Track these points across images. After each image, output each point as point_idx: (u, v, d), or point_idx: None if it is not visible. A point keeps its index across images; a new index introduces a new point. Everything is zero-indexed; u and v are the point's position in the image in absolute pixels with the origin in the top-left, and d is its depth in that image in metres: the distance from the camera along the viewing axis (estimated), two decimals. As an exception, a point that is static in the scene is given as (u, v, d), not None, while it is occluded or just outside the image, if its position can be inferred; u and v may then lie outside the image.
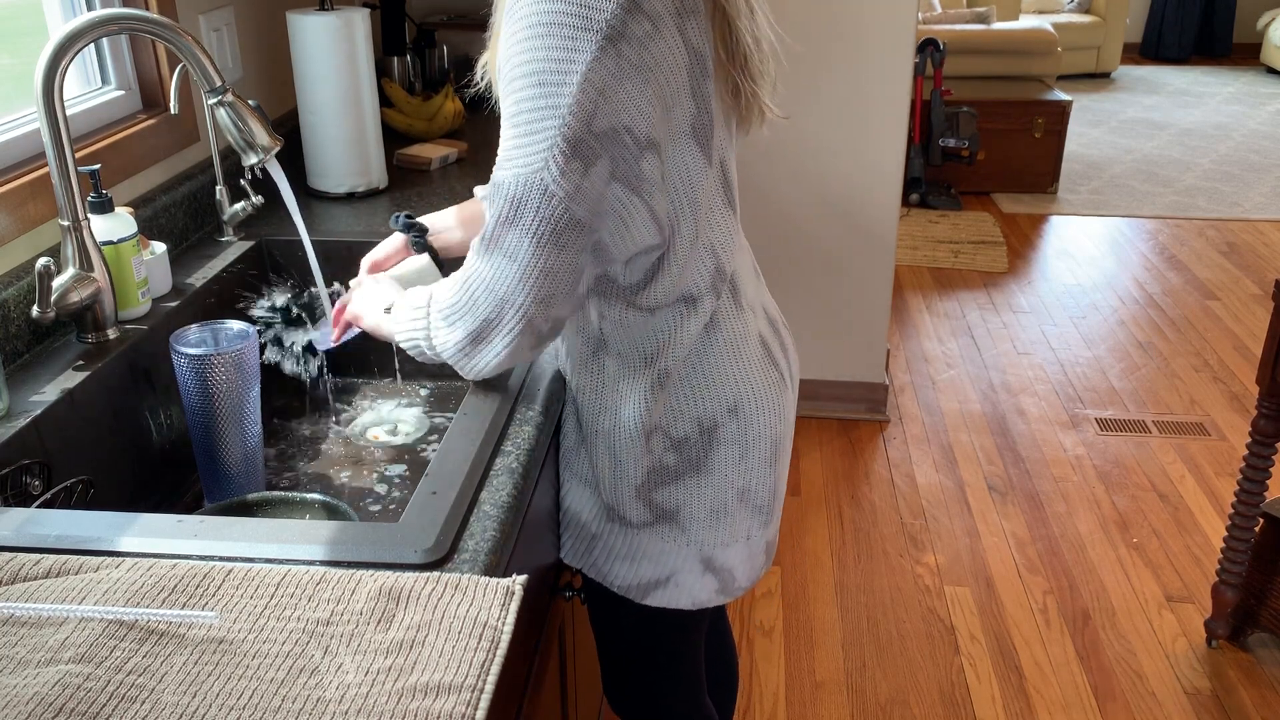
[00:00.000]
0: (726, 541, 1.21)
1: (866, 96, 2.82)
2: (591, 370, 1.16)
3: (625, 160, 0.98)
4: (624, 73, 0.94)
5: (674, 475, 1.17)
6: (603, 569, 1.24)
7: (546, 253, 0.98)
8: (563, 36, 0.91)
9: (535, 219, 0.96)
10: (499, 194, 0.98)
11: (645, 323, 1.12)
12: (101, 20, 1.15)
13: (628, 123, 0.96)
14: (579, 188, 0.96)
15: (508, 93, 0.95)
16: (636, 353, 1.13)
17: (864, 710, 2.09)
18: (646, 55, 0.95)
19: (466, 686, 0.76)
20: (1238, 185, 5.20)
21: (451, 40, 2.50)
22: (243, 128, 1.22)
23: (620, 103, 0.94)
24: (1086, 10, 7.38)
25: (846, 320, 3.08)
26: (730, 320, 1.15)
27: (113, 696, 0.74)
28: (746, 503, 1.20)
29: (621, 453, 1.16)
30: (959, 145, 4.77)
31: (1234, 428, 3.08)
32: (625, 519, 1.19)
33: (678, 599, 1.23)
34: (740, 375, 1.16)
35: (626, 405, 1.14)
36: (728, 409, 1.16)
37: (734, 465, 1.18)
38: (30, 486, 1.06)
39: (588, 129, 0.94)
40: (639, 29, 0.93)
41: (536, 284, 0.99)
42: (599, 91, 0.93)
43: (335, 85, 1.75)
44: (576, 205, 0.97)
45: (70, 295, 1.22)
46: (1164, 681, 2.15)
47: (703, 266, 1.11)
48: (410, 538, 0.91)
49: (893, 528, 2.65)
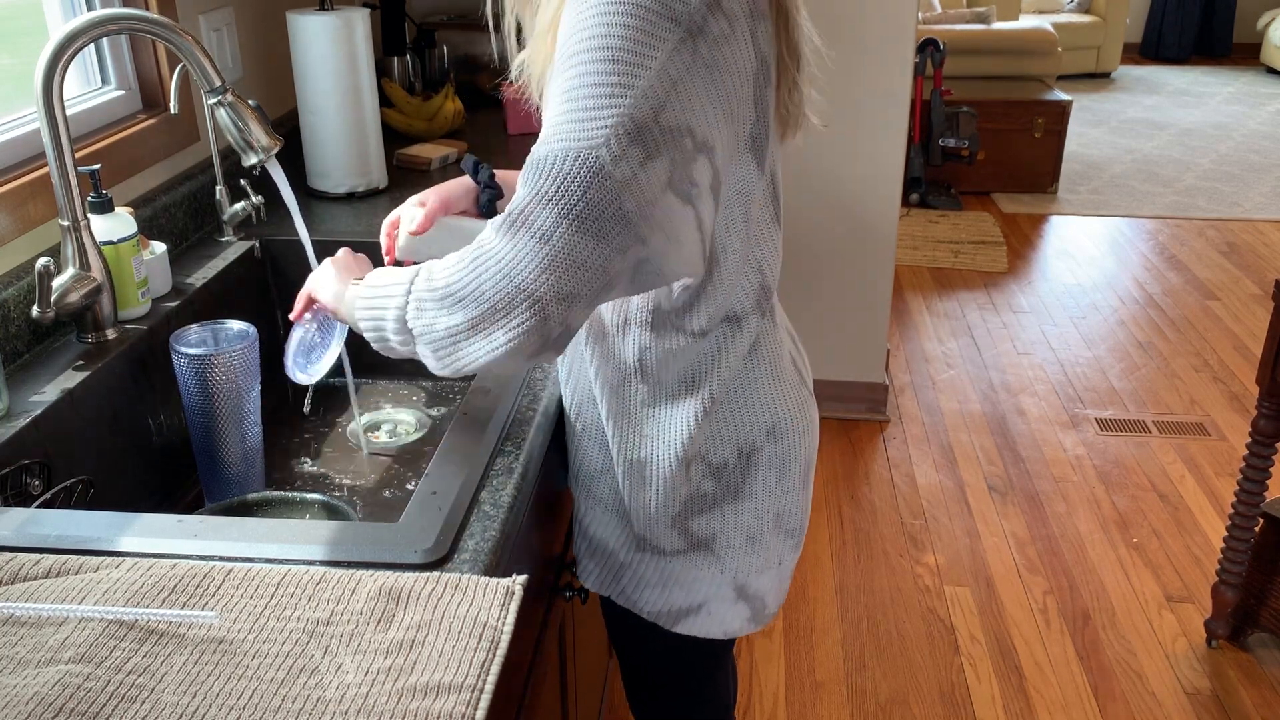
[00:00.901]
0: (760, 568, 1.17)
1: (866, 96, 2.82)
2: (624, 397, 1.10)
3: (681, 164, 0.91)
4: (696, 70, 0.89)
5: (711, 502, 1.12)
6: (631, 596, 1.20)
7: (584, 240, 0.88)
8: (645, 20, 0.86)
9: (581, 199, 0.87)
10: (540, 169, 0.88)
11: (691, 348, 1.06)
12: (101, 20, 1.15)
13: (691, 124, 0.90)
14: (634, 177, 0.87)
15: (568, 66, 0.88)
16: (678, 380, 1.08)
17: (864, 710, 2.09)
18: (719, 56, 0.90)
19: (466, 686, 0.76)
20: (1238, 185, 5.20)
21: (451, 40, 2.50)
22: (243, 128, 1.22)
23: (689, 101, 0.89)
24: (1086, 10, 7.38)
25: (846, 320, 3.08)
26: (769, 339, 1.11)
27: (113, 697, 0.74)
28: (781, 527, 1.16)
29: (659, 482, 1.11)
30: (959, 145, 4.77)
31: (1234, 428, 3.08)
32: (658, 548, 1.15)
33: (709, 628, 1.19)
34: (779, 397, 1.12)
35: (668, 434, 1.09)
36: (767, 432, 1.11)
37: (770, 490, 1.13)
38: (30, 486, 1.06)
39: (655, 119, 0.87)
40: (717, 28, 0.89)
41: (564, 275, 0.89)
42: (673, 84, 0.88)
43: (335, 85, 1.75)
44: (628, 196, 0.88)
45: (70, 295, 1.22)
46: (1164, 681, 2.15)
47: (749, 284, 1.06)
48: (410, 538, 0.91)
49: (893, 528, 2.65)
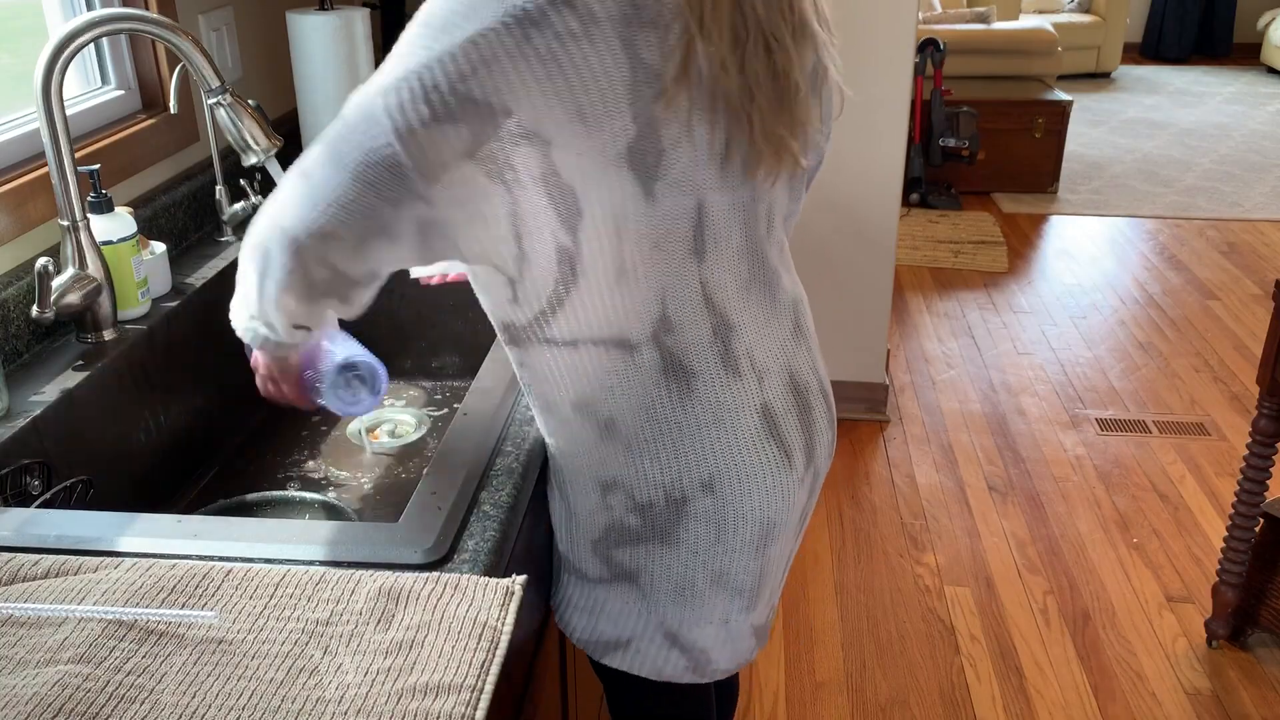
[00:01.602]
0: (695, 621, 1.09)
1: (866, 96, 2.81)
2: (542, 411, 1.07)
3: (492, 141, 0.88)
4: (525, 58, 0.86)
5: (635, 538, 1.06)
6: (564, 617, 1.17)
7: (343, 179, 0.88)
8: (470, 2, 0.86)
9: (348, 141, 0.88)
10: (335, 119, 0.91)
11: (569, 363, 1.00)
12: (101, 20, 1.15)
13: (510, 105, 0.87)
14: (412, 131, 0.87)
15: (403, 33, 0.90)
16: (564, 399, 1.03)
17: (864, 710, 2.09)
18: (564, 53, 0.87)
19: (466, 687, 0.76)
20: (1238, 185, 5.20)
21: (451, 40, 2.50)
22: (242, 128, 1.22)
23: (507, 83, 0.87)
24: (1086, 10, 7.38)
25: (846, 320, 3.08)
26: (714, 385, 1.01)
27: (112, 697, 0.74)
28: (724, 586, 1.08)
29: (576, 503, 1.08)
30: (959, 145, 4.77)
31: (1234, 428, 3.08)
32: (581, 571, 1.11)
33: (639, 666, 1.13)
34: (721, 449, 1.02)
35: (577, 454, 1.05)
36: (700, 484, 1.03)
37: (707, 545, 1.05)
38: (30, 486, 1.06)
39: (451, 86, 0.86)
40: (562, 24, 0.86)
41: (319, 212, 0.89)
42: (482, 60, 0.86)
43: (335, 85, 1.75)
44: (401, 147, 0.87)
45: (70, 295, 1.22)
46: (1164, 681, 2.15)
47: (643, 311, 0.97)
48: (410, 538, 0.91)
49: (893, 528, 2.65)
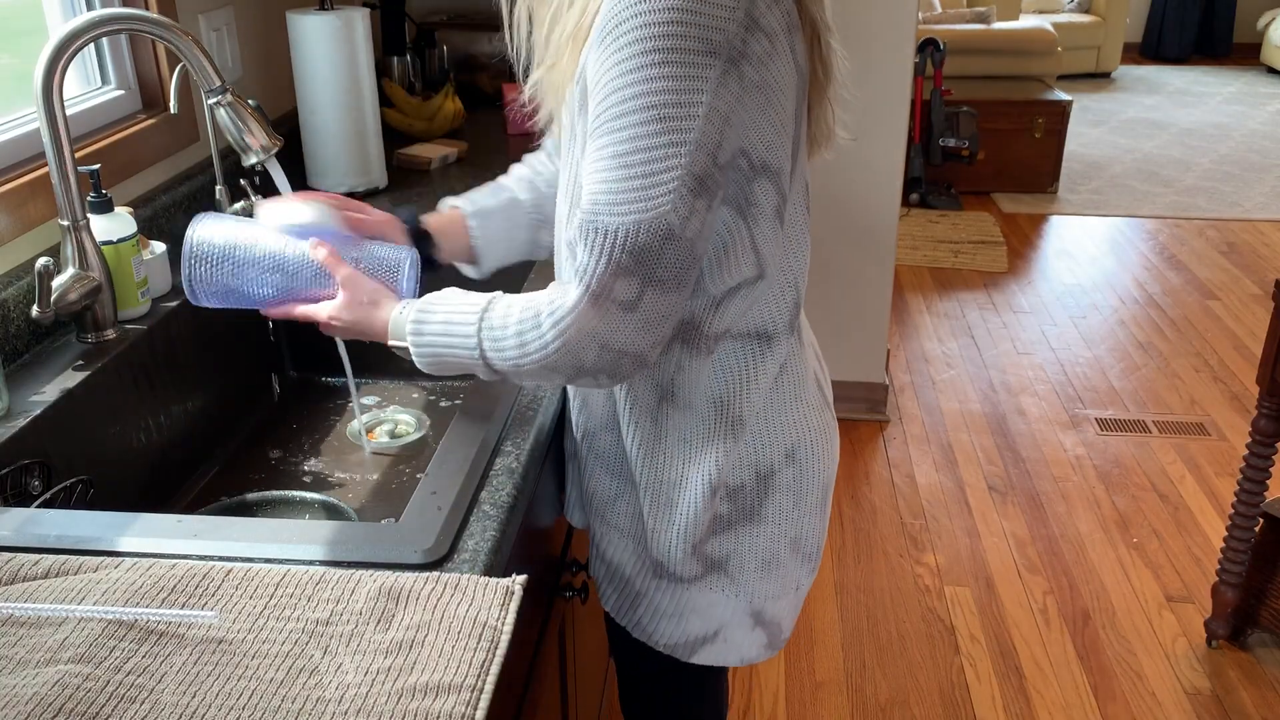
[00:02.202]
0: (777, 593, 1.15)
1: (867, 96, 2.81)
2: (655, 419, 1.07)
3: (737, 184, 0.91)
4: (747, 95, 0.87)
5: (726, 524, 1.10)
6: (648, 628, 1.17)
7: (669, 296, 0.91)
8: (682, 63, 0.83)
9: (659, 265, 0.89)
10: (615, 240, 0.88)
11: (712, 362, 1.04)
12: (101, 20, 1.15)
13: (746, 146, 0.90)
14: (704, 225, 0.90)
15: (615, 128, 0.87)
16: (707, 402, 1.05)
17: (864, 710, 2.09)
18: (766, 75, 0.88)
19: (466, 686, 0.76)
20: (1238, 185, 5.20)
21: (451, 40, 2.50)
22: (242, 128, 1.22)
23: (742, 129, 0.88)
24: (1086, 10, 7.38)
25: (846, 320, 3.08)
26: (795, 359, 1.09)
27: (112, 697, 0.74)
28: (798, 552, 1.14)
29: (685, 507, 1.08)
30: (959, 145, 4.77)
31: (1234, 428, 3.08)
32: (675, 575, 1.12)
33: (726, 656, 1.16)
34: (800, 419, 1.09)
35: (700, 458, 1.06)
36: (785, 455, 1.09)
37: (788, 514, 1.11)
38: (30, 486, 1.06)
39: (713, 162, 0.87)
40: (758, 47, 0.87)
41: (657, 328, 0.93)
42: (724, 120, 0.86)
43: (335, 85, 1.75)
44: (700, 244, 0.90)
45: (70, 295, 1.22)
46: (1164, 681, 2.15)
47: (784, 301, 1.04)
48: (410, 538, 0.91)
49: (893, 528, 2.65)
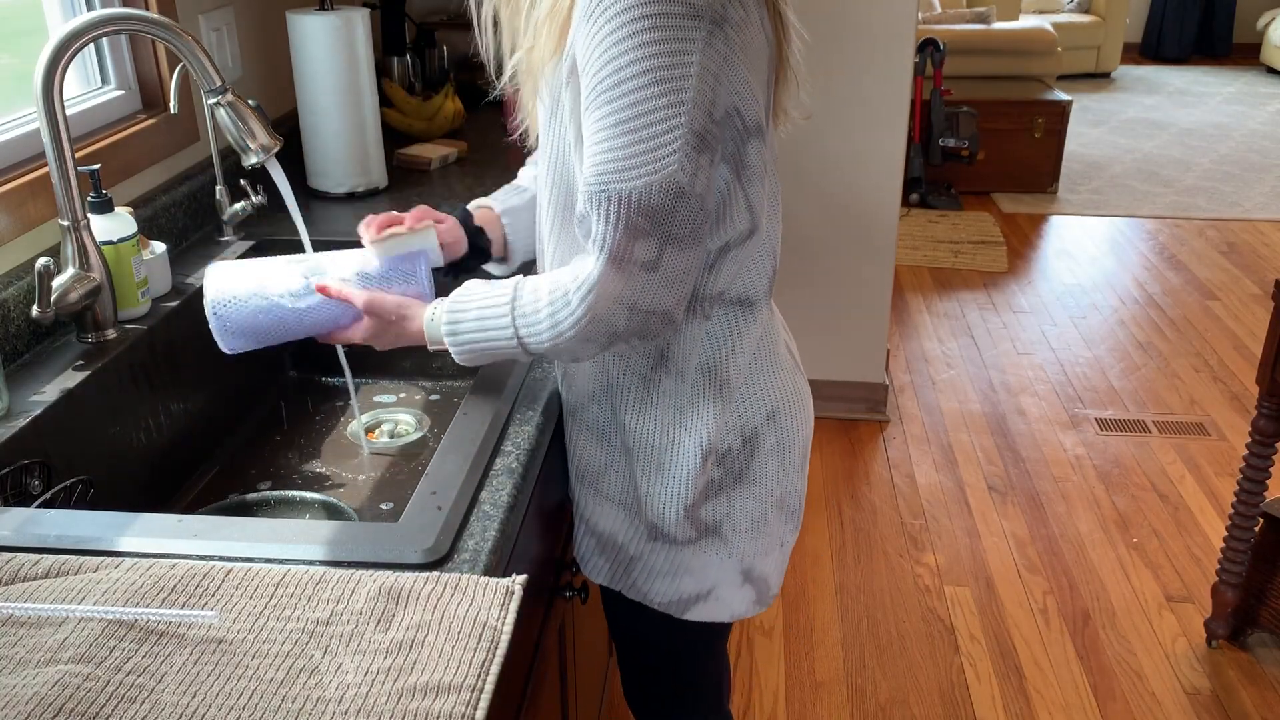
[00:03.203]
0: (765, 550, 1.19)
1: (866, 96, 2.81)
2: (648, 385, 1.11)
3: (734, 141, 0.96)
4: (733, 55, 0.92)
5: (717, 489, 1.14)
6: (643, 588, 1.21)
7: (688, 252, 0.96)
8: (670, 27, 0.88)
9: (674, 222, 0.93)
10: (628, 204, 0.92)
11: (708, 333, 1.09)
12: (101, 20, 1.15)
13: (739, 105, 0.95)
14: (710, 180, 0.94)
15: (612, 97, 0.90)
16: (698, 368, 1.09)
17: (864, 710, 2.09)
18: (745, 40, 0.94)
19: (466, 686, 0.76)
20: (1238, 185, 5.20)
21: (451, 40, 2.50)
22: (243, 128, 1.22)
23: (732, 85, 0.93)
24: (1086, 10, 7.38)
25: (846, 320, 3.08)
26: (771, 325, 1.14)
27: (112, 697, 0.74)
28: (783, 509, 1.19)
29: (676, 473, 1.12)
30: (959, 145, 4.77)
31: (1234, 428, 3.08)
32: (670, 537, 1.16)
33: (718, 613, 1.21)
34: (778, 381, 1.14)
35: (691, 423, 1.10)
36: (767, 417, 1.14)
37: (773, 474, 1.16)
38: (30, 486, 1.06)
39: (710, 119, 0.92)
40: (736, 13, 0.93)
41: (680, 284, 0.98)
42: (715, 78, 0.91)
43: (335, 85, 1.75)
44: (709, 198, 0.95)
45: (70, 295, 1.22)
46: (1164, 681, 2.15)
47: (763, 268, 1.09)
48: (410, 538, 0.91)
49: (893, 528, 2.65)
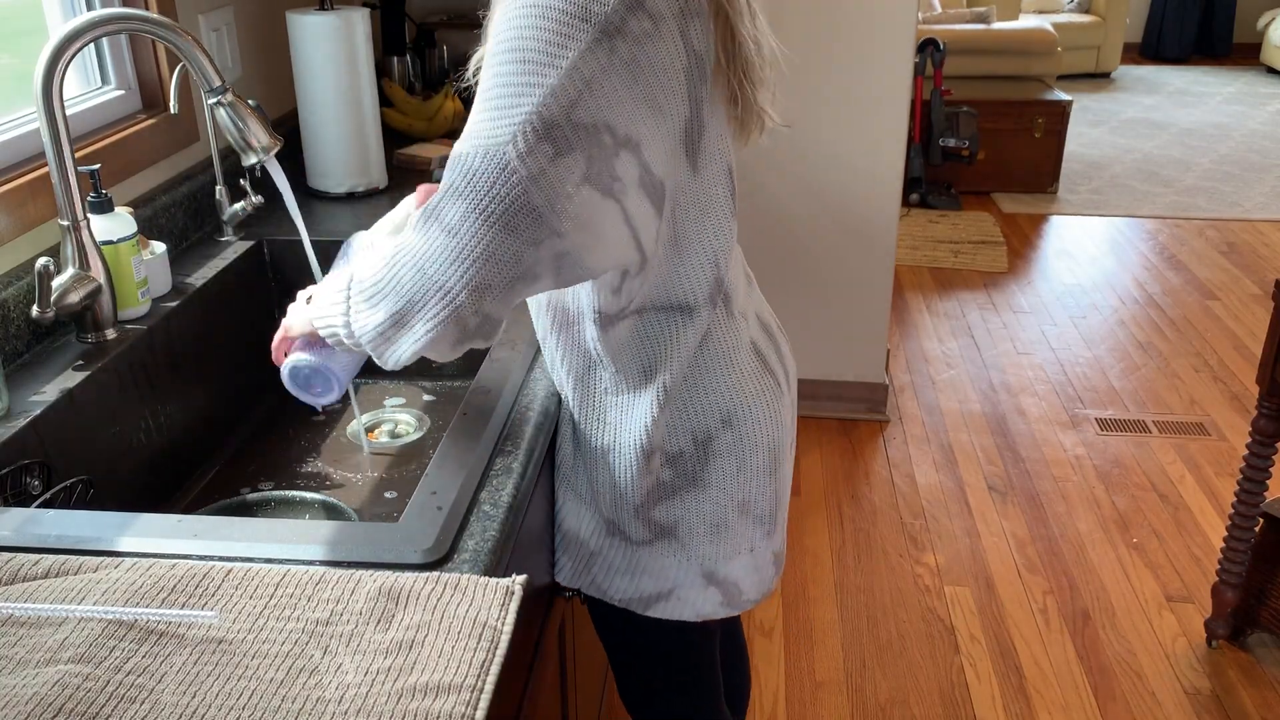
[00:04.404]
0: (728, 555, 1.18)
1: (866, 96, 2.81)
2: (588, 385, 1.12)
3: (600, 159, 0.92)
4: (614, 69, 0.90)
5: (670, 491, 1.14)
6: (602, 584, 1.21)
7: (492, 233, 0.91)
8: (558, 22, 0.88)
9: (488, 195, 0.90)
10: (455, 166, 0.92)
11: (643, 336, 1.08)
12: (101, 20, 1.15)
13: (610, 120, 0.91)
14: (543, 172, 0.90)
15: (488, 68, 0.91)
16: (634, 366, 1.09)
17: (864, 710, 2.09)
18: (641, 54, 0.91)
19: (466, 686, 0.76)
20: (1238, 185, 5.20)
21: (451, 40, 2.50)
22: (242, 128, 1.22)
23: (605, 99, 0.90)
24: (1086, 10, 7.38)
25: (846, 320, 3.08)
26: (721, 329, 1.12)
27: (112, 697, 0.74)
28: (747, 514, 1.18)
29: (622, 472, 1.13)
30: (959, 145, 4.77)
31: (1234, 428, 3.08)
32: (626, 535, 1.17)
33: (680, 611, 1.20)
34: (733, 385, 1.13)
35: (630, 422, 1.11)
36: (721, 420, 1.13)
37: (732, 478, 1.15)
38: (30, 486, 1.06)
39: (566, 116, 0.89)
40: (638, 27, 0.91)
41: (473, 267, 0.92)
42: (585, 83, 0.89)
43: (335, 85, 1.75)
44: (536, 190, 0.90)
45: (70, 295, 1.22)
46: (1164, 681, 2.15)
47: (702, 276, 1.07)
48: (410, 538, 0.91)
49: (893, 528, 2.65)
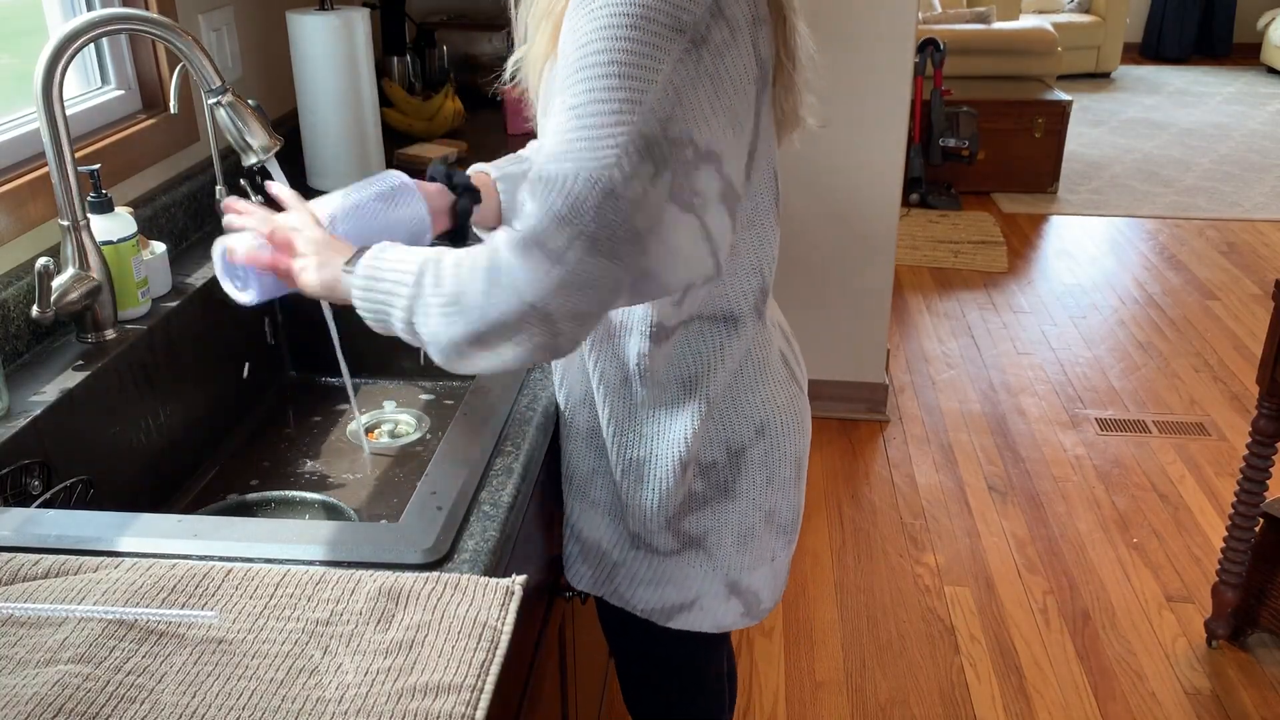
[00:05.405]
0: (753, 565, 1.18)
1: (866, 96, 2.81)
2: (625, 398, 1.10)
3: (682, 174, 0.89)
4: (700, 80, 0.88)
5: (701, 502, 1.13)
6: (625, 595, 1.21)
7: (598, 261, 0.87)
8: (651, 32, 0.86)
9: (594, 221, 0.86)
10: (554, 188, 0.87)
11: (689, 350, 1.07)
12: (101, 20, 1.15)
13: (694, 134, 0.89)
14: (645, 194, 0.87)
15: (576, 80, 0.87)
16: (678, 382, 1.09)
17: (864, 710, 2.09)
18: (721, 65, 0.90)
19: (466, 686, 0.76)
20: (1238, 185, 5.20)
21: (451, 40, 2.50)
22: (242, 127, 1.22)
23: (692, 112, 0.89)
24: (1086, 10, 7.38)
25: (846, 320, 3.08)
26: (760, 339, 1.12)
27: (112, 697, 0.74)
28: (773, 524, 1.18)
29: (656, 483, 1.12)
30: (959, 145, 4.77)
31: (1234, 428, 3.08)
32: (652, 547, 1.16)
33: (701, 622, 1.20)
34: (767, 395, 1.13)
35: (669, 435, 1.10)
36: (755, 430, 1.12)
37: (761, 489, 1.15)
38: (30, 486, 1.06)
39: (663, 131, 0.87)
40: (719, 36, 0.89)
41: (577, 294, 0.88)
42: (677, 95, 0.87)
43: (335, 85, 1.75)
44: (640, 214, 0.87)
45: (70, 295, 1.22)
46: (1164, 681, 2.15)
47: (748, 286, 1.07)
48: (410, 538, 0.91)
49: (893, 528, 2.65)
